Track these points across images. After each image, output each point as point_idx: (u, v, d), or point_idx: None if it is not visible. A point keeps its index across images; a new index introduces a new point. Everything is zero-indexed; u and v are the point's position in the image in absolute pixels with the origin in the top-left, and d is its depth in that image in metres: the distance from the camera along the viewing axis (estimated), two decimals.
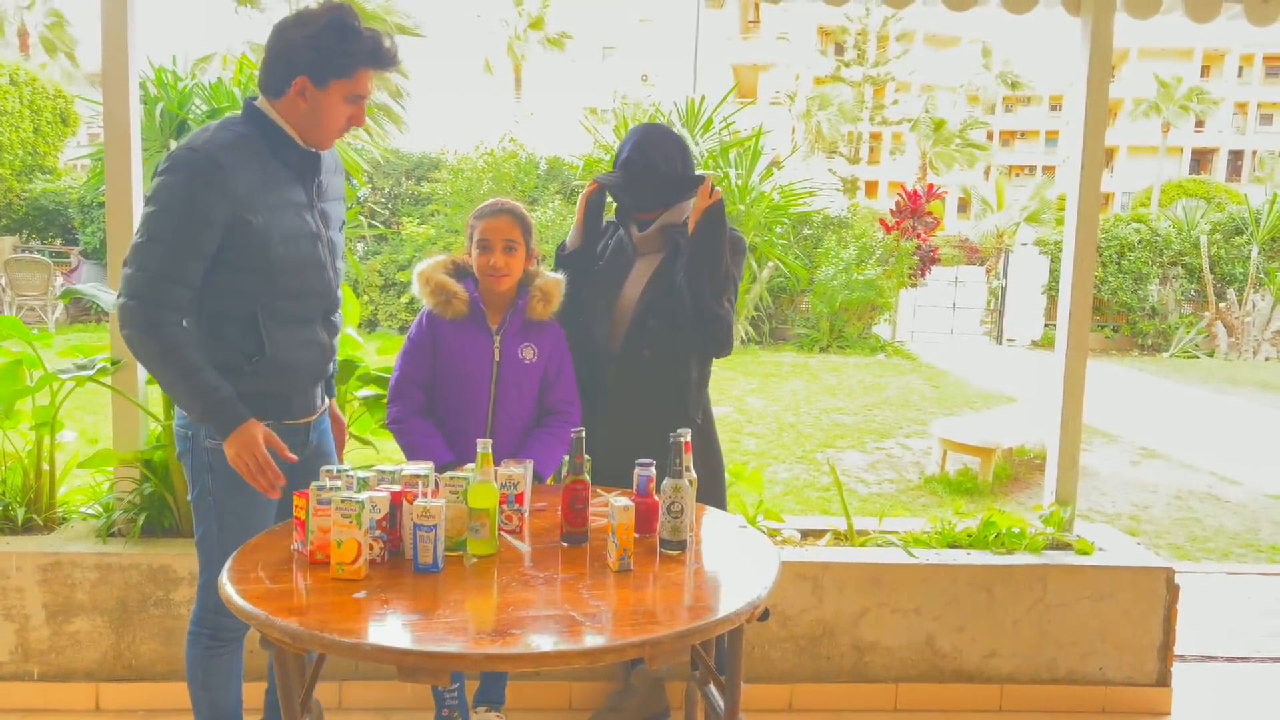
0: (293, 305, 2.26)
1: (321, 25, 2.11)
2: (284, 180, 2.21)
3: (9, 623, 2.94)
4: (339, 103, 2.17)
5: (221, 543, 2.25)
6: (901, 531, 3.39)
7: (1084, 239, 3.35)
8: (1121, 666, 3.22)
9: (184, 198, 2.05)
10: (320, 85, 2.13)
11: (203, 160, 2.06)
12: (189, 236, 2.06)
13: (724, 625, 1.76)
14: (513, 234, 2.63)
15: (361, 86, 2.18)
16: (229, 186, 2.07)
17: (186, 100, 13.81)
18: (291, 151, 2.21)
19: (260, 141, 2.17)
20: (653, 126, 2.87)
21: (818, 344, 15.27)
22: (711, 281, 2.63)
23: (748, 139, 14.22)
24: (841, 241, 16.11)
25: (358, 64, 2.14)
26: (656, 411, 2.71)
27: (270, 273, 2.17)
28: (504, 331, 2.65)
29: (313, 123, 2.19)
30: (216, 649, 2.32)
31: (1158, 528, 6.08)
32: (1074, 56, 3.38)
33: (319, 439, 2.48)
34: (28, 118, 16.08)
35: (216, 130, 2.14)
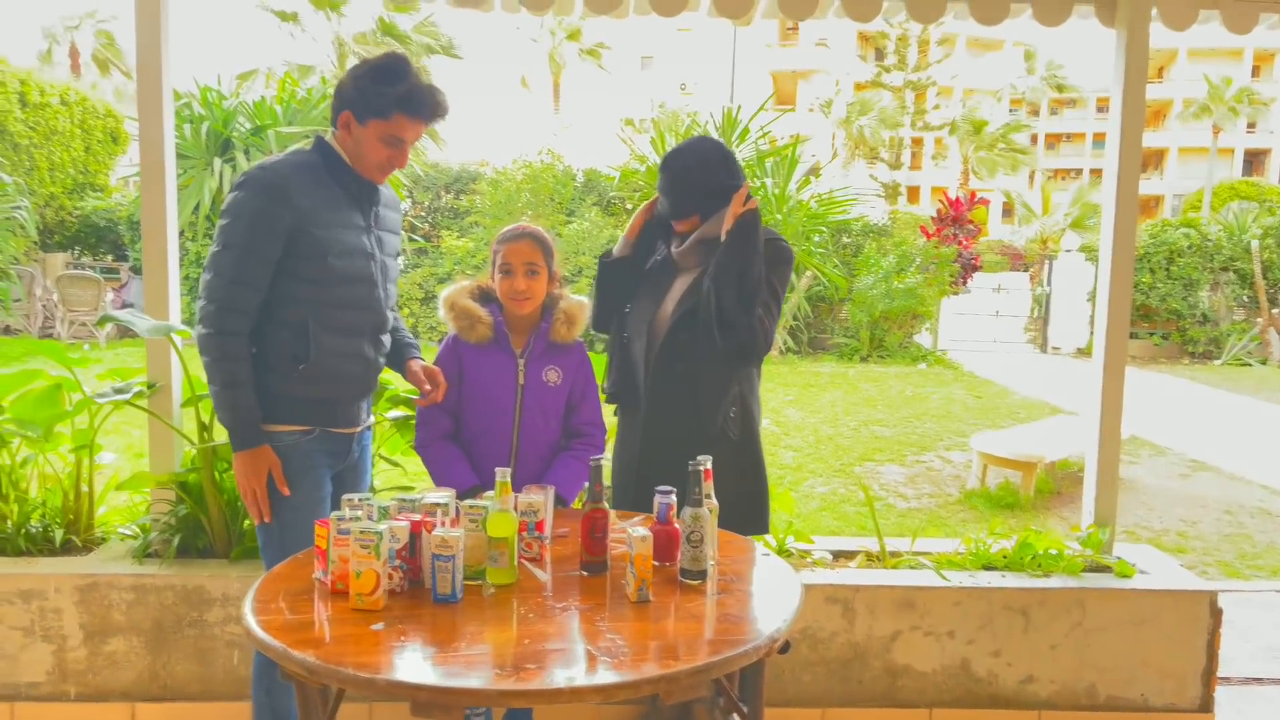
0: (343, 315, 2.42)
1: (369, 67, 2.33)
2: (343, 203, 2.39)
3: (47, 643, 2.99)
4: (376, 141, 2.33)
5: (283, 545, 2.36)
6: (934, 553, 3.34)
7: (1121, 252, 3.29)
8: (1164, 692, 3.14)
9: (252, 209, 2.27)
10: (360, 122, 2.33)
11: (270, 176, 2.30)
12: (257, 244, 2.27)
13: (741, 660, 1.73)
14: (534, 258, 2.64)
15: (398, 129, 2.32)
16: (292, 200, 2.28)
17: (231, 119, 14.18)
18: (350, 178, 2.40)
19: (322, 167, 2.38)
20: (698, 137, 2.89)
21: (857, 354, 15.14)
22: (740, 290, 2.59)
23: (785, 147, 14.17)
24: (881, 249, 15.98)
25: (392, 107, 2.29)
26: (690, 428, 2.66)
27: (325, 282, 2.36)
28: (528, 355, 2.66)
29: (356, 155, 2.38)
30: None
31: (1206, 544, 5.94)
32: (1109, 68, 3.31)
33: (361, 453, 2.62)
34: (79, 137, 16.48)
35: (285, 156, 2.40)
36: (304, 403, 2.41)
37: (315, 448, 2.44)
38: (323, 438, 2.45)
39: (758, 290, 2.62)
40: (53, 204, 15.87)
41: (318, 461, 2.45)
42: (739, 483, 2.69)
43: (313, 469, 2.44)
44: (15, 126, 14.66)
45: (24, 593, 2.97)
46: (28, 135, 15.04)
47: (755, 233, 2.63)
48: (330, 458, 2.50)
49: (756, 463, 2.79)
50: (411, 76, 2.31)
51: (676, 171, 2.75)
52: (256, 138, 12.73)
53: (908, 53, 39.94)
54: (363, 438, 2.62)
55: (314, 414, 2.43)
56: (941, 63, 40.52)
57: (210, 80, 12.80)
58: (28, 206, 12.43)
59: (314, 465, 2.44)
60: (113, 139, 17.36)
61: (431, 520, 2.03)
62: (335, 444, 2.50)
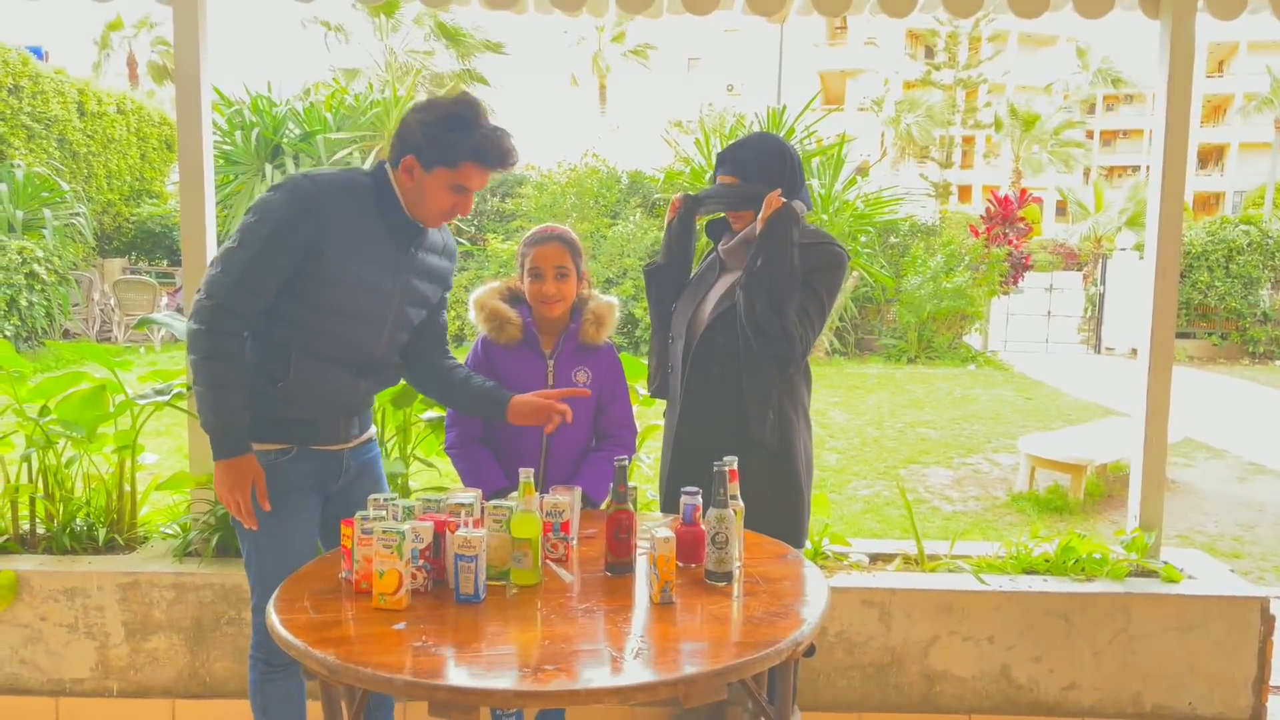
0: (333, 346, 2.28)
1: (438, 113, 2.18)
2: (379, 237, 2.26)
3: (90, 640, 3.05)
4: (442, 188, 2.21)
5: (259, 565, 2.31)
6: (974, 556, 3.27)
7: (1166, 249, 3.20)
8: (1213, 701, 3.05)
9: (278, 215, 2.15)
10: (426, 169, 2.20)
11: (308, 187, 2.18)
12: (271, 251, 2.15)
13: (763, 663, 1.71)
14: (563, 260, 2.62)
15: (466, 179, 2.21)
16: (321, 218, 2.16)
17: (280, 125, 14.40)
18: (396, 215, 2.27)
19: (371, 195, 2.25)
20: (762, 134, 2.84)
21: (905, 355, 14.97)
22: (771, 293, 2.51)
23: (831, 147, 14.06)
24: (930, 249, 15.78)
25: (462, 157, 2.17)
26: (724, 433, 2.61)
27: (325, 310, 2.23)
28: (557, 356, 2.66)
29: (417, 200, 2.25)
30: (271, 674, 2.36)
31: (1264, 549, 5.77)
32: (1154, 58, 3.23)
33: (362, 466, 2.49)
34: (135, 145, 16.87)
35: (339, 172, 2.27)
36: (280, 421, 2.28)
37: (296, 468, 2.31)
38: (304, 456, 2.32)
39: (789, 294, 2.52)
40: (110, 211, 16.27)
41: (299, 483, 2.32)
42: (772, 493, 2.59)
43: (293, 492, 2.31)
44: (73, 135, 15.05)
45: (68, 590, 3.03)
46: (85, 144, 15.43)
47: (786, 234, 2.54)
48: (316, 478, 2.36)
49: (792, 473, 2.65)
50: (483, 124, 2.18)
51: (731, 166, 2.70)
52: (306, 144, 12.93)
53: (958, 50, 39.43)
54: (361, 452, 2.48)
55: (292, 432, 2.30)
56: (993, 60, 39.93)
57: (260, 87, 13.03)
58: (86, 213, 12.76)
59: (294, 488, 2.31)
60: (168, 146, 17.75)
61: (455, 520, 2.03)
62: (321, 462, 2.36)
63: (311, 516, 2.37)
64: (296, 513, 2.32)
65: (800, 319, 2.56)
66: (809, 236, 2.65)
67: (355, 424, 2.44)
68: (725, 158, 2.73)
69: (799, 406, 2.71)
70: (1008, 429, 9.30)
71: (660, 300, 2.87)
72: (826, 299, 2.63)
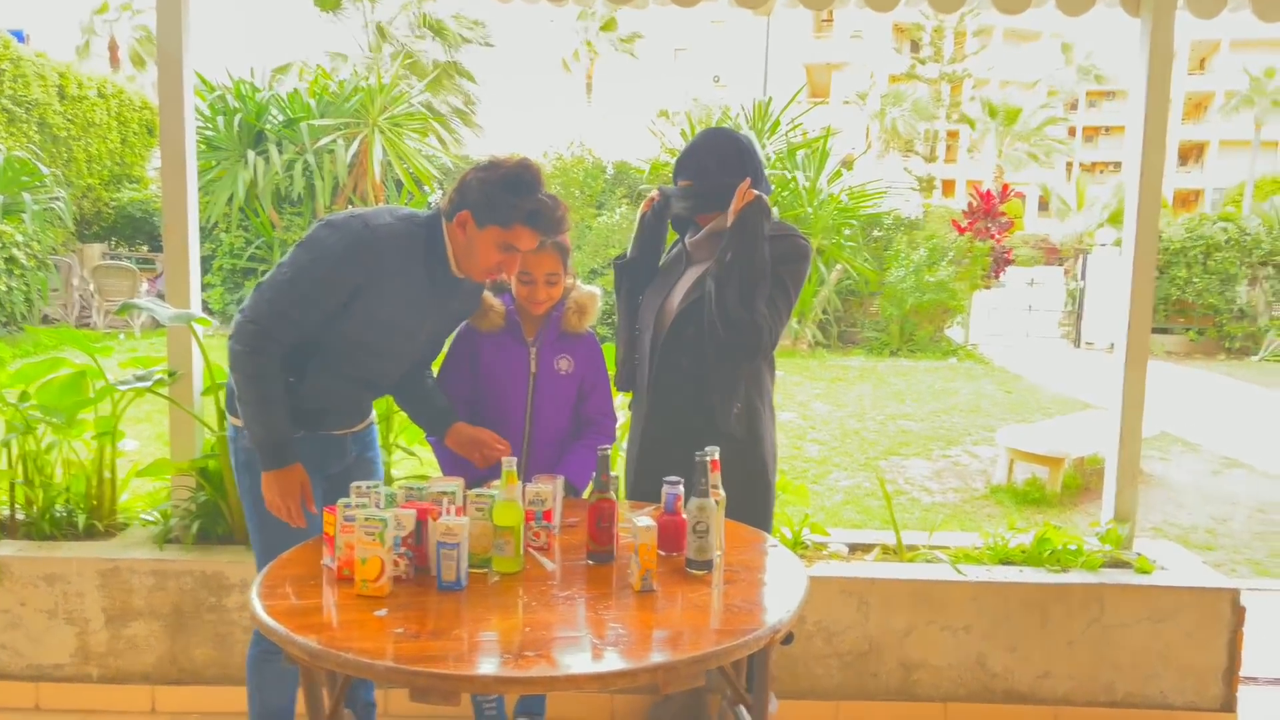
0: (351, 370, 2.40)
1: (499, 174, 2.26)
2: (420, 285, 2.34)
3: (70, 626, 3.05)
4: (492, 246, 2.28)
5: (263, 542, 2.39)
6: (952, 547, 3.31)
7: (1144, 244, 3.24)
8: (1184, 691, 3.10)
9: (334, 261, 2.23)
10: (480, 225, 2.27)
11: (366, 237, 2.24)
12: (320, 294, 2.25)
13: (742, 650, 1.73)
14: (555, 268, 2.63)
15: (517, 239, 2.28)
16: (373, 267, 2.25)
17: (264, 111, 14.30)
18: (441, 268, 2.35)
19: (422, 248, 2.33)
20: (713, 130, 2.83)
21: (887, 348, 15.04)
22: (742, 285, 2.52)
23: (815, 140, 14.10)
24: (912, 243, 15.85)
25: (516, 219, 2.25)
26: (692, 423, 2.63)
27: (352, 341, 2.33)
28: (540, 343, 2.67)
29: (466, 254, 2.32)
30: (268, 654, 2.41)
31: (1236, 542, 5.84)
32: (1133, 57, 3.26)
33: (361, 450, 2.59)
34: (115, 129, 16.71)
35: (396, 221, 2.32)
36: (291, 409, 2.37)
37: (303, 450, 2.38)
38: (310, 439, 2.42)
39: (760, 285, 2.54)
40: (90, 195, 16.12)
41: (306, 464, 2.38)
42: (741, 482, 2.60)
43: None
44: (54, 119, 14.89)
45: (48, 576, 3.03)
46: (66, 127, 15.27)
47: (757, 226, 2.56)
48: (321, 458, 2.46)
49: (760, 463, 2.68)
50: (540, 190, 2.28)
51: (693, 170, 2.71)
52: (289, 130, 12.85)
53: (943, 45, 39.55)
54: (363, 436, 2.60)
55: (301, 420, 2.39)
56: (977, 55, 40.08)
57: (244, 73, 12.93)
58: (65, 198, 12.62)
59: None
60: (149, 131, 17.59)
61: (438, 508, 2.05)
62: (327, 445, 2.48)
63: (318, 498, 2.44)
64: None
65: (769, 310, 2.57)
66: (774, 229, 2.66)
67: (359, 413, 2.56)
68: (685, 164, 2.74)
69: (764, 396, 2.73)
70: (987, 422, 9.37)
71: (631, 293, 2.87)
72: (793, 290, 2.66)
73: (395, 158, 13.06)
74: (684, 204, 2.75)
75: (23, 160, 11.75)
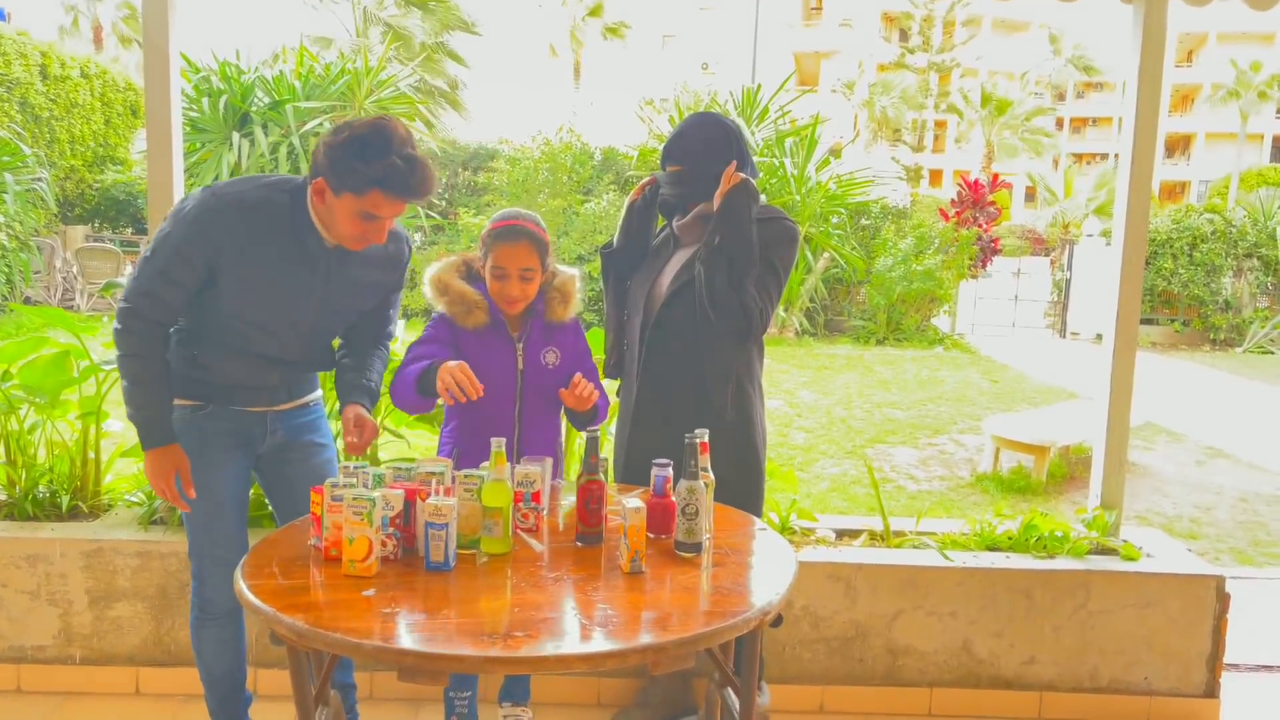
0: (242, 344, 2.33)
1: (345, 137, 2.12)
2: (292, 254, 2.24)
3: (53, 607, 3.02)
4: (351, 215, 2.17)
5: (188, 518, 2.42)
6: (939, 533, 3.32)
7: (1133, 238, 3.24)
8: (1168, 676, 3.12)
9: (184, 234, 2.17)
10: (335, 193, 2.15)
11: (210, 204, 2.18)
12: (174, 269, 2.18)
13: (731, 632, 1.73)
14: (530, 262, 2.51)
15: (374, 206, 2.15)
16: (216, 237, 2.16)
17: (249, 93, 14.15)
18: (310, 235, 2.25)
19: (287, 214, 2.23)
20: (700, 115, 2.82)
21: (874, 336, 15.06)
22: (730, 268, 2.51)
23: (804, 128, 14.08)
24: (900, 232, 15.86)
25: (368, 185, 2.11)
26: (682, 407, 2.63)
27: (231, 317, 2.27)
28: (525, 338, 2.59)
29: (330, 224, 2.22)
30: (204, 620, 2.47)
31: (1220, 530, 5.89)
32: (1125, 45, 3.25)
33: (294, 433, 2.50)
34: (99, 110, 16.54)
35: (254, 187, 2.23)
36: (197, 381, 2.33)
37: (213, 424, 2.35)
38: (223, 414, 2.36)
39: (748, 268, 2.53)
40: (73, 177, 15.97)
41: (217, 440, 2.36)
42: (732, 465, 2.60)
43: (209, 447, 2.36)
44: (36, 99, 14.73)
45: (30, 557, 3.00)
46: (48, 108, 15.11)
47: (744, 208, 2.54)
48: (236, 436, 2.39)
49: (751, 445, 2.69)
50: (392, 152, 2.10)
51: (681, 156, 2.69)
52: (274, 112, 12.74)
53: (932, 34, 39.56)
54: (291, 416, 2.48)
55: (208, 393, 2.34)
56: (966, 44, 40.11)
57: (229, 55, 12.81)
58: (48, 179, 12.50)
59: (211, 444, 2.36)
60: (133, 112, 17.43)
61: (426, 488, 2.03)
62: (241, 421, 2.39)
63: (234, 471, 2.41)
64: (215, 466, 2.37)
65: (759, 293, 2.56)
66: (762, 212, 2.65)
67: (282, 392, 2.45)
68: (672, 150, 2.73)
69: (754, 380, 2.74)
70: (973, 410, 9.40)
71: (619, 280, 2.85)
72: (783, 273, 2.65)
73: None
74: (673, 190, 2.73)
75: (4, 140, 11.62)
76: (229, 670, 2.53)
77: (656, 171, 2.82)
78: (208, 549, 2.41)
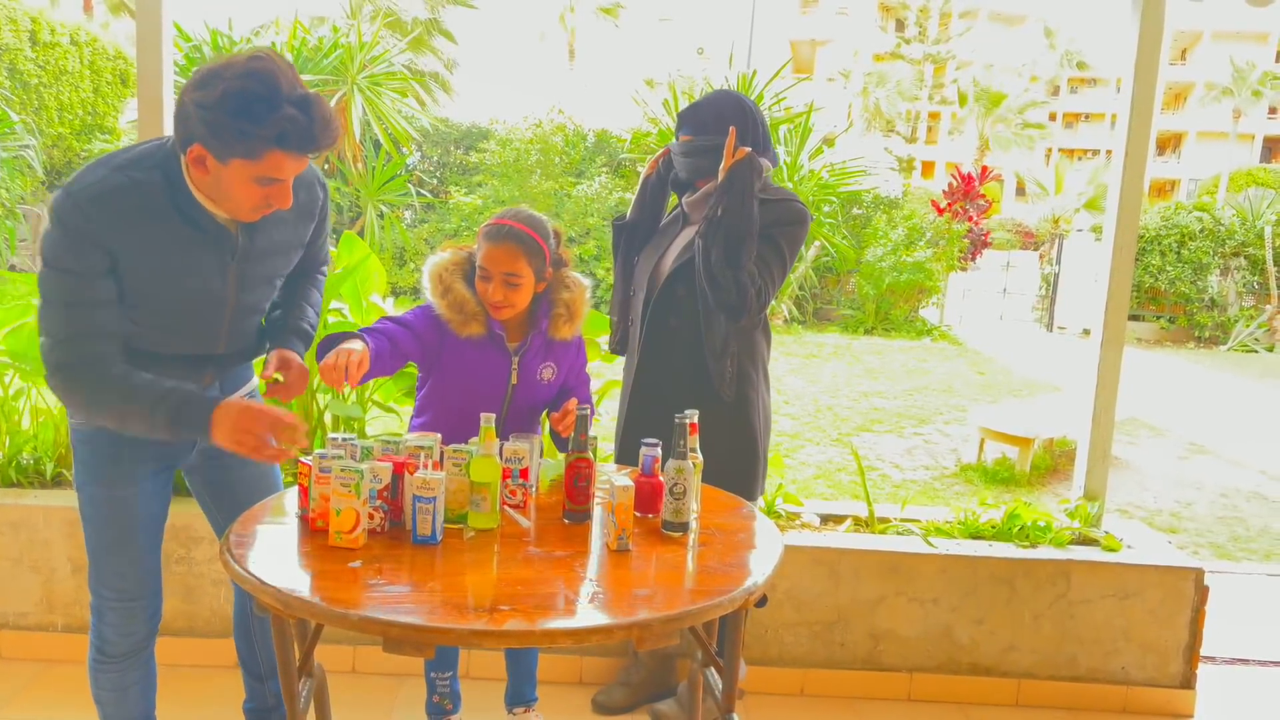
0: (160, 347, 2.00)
1: (219, 94, 1.71)
2: (183, 235, 1.88)
3: (35, 574, 3.01)
4: (246, 182, 1.81)
5: (87, 539, 2.11)
6: (923, 520, 3.33)
7: (1124, 230, 3.25)
8: (1145, 666, 3.15)
9: (62, 255, 1.81)
10: (221, 160, 1.78)
11: (77, 213, 1.79)
12: (80, 292, 1.82)
13: (716, 610, 1.73)
14: (515, 267, 2.29)
15: (274, 169, 1.79)
16: (108, 239, 1.81)
17: None
18: (196, 211, 1.88)
19: (160, 193, 1.85)
20: (721, 90, 2.80)
21: (863, 325, 15.11)
22: (727, 243, 2.47)
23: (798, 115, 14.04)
24: (891, 222, 15.89)
25: (263, 146, 1.75)
26: (681, 384, 2.63)
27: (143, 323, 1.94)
28: (523, 353, 2.41)
29: (219, 196, 1.85)
30: (103, 665, 2.16)
31: (1200, 525, 5.94)
32: (1122, 39, 3.26)
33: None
34: (88, 78, 16.37)
35: (111, 171, 1.84)
36: None
37: (129, 437, 1.99)
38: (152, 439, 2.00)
39: (745, 245, 2.49)
40: (60, 144, 15.81)
41: (134, 454, 2.05)
42: (728, 446, 2.62)
43: (117, 461, 2.05)
44: (24, 65, 14.56)
45: (13, 523, 2.98)
46: (37, 74, 14.95)
47: (746, 184, 2.51)
48: (155, 448, 2.08)
49: (748, 427, 2.67)
50: (284, 101, 1.73)
51: (694, 126, 2.66)
52: None
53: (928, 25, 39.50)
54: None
55: None
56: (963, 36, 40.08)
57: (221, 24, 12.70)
58: (35, 146, 12.38)
59: (127, 456, 2.05)
60: (122, 81, 17.25)
61: (415, 462, 2.03)
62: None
63: (153, 487, 2.11)
64: (130, 481, 2.07)
65: (760, 271, 2.54)
66: (774, 194, 2.65)
67: (213, 391, 2.13)
68: (685, 118, 2.71)
69: (758, 362, 2.72)
70: (959, 402, 9.44)
71: (627, 255, 2.86)
72: (788, 252, 2.62)
73: (375, 117, 12.91)
74: (684, 162, 2.72)
75: None
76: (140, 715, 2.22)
77: (671, 143, 2.80)
78: (110, 579, 2.09)
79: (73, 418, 2.07)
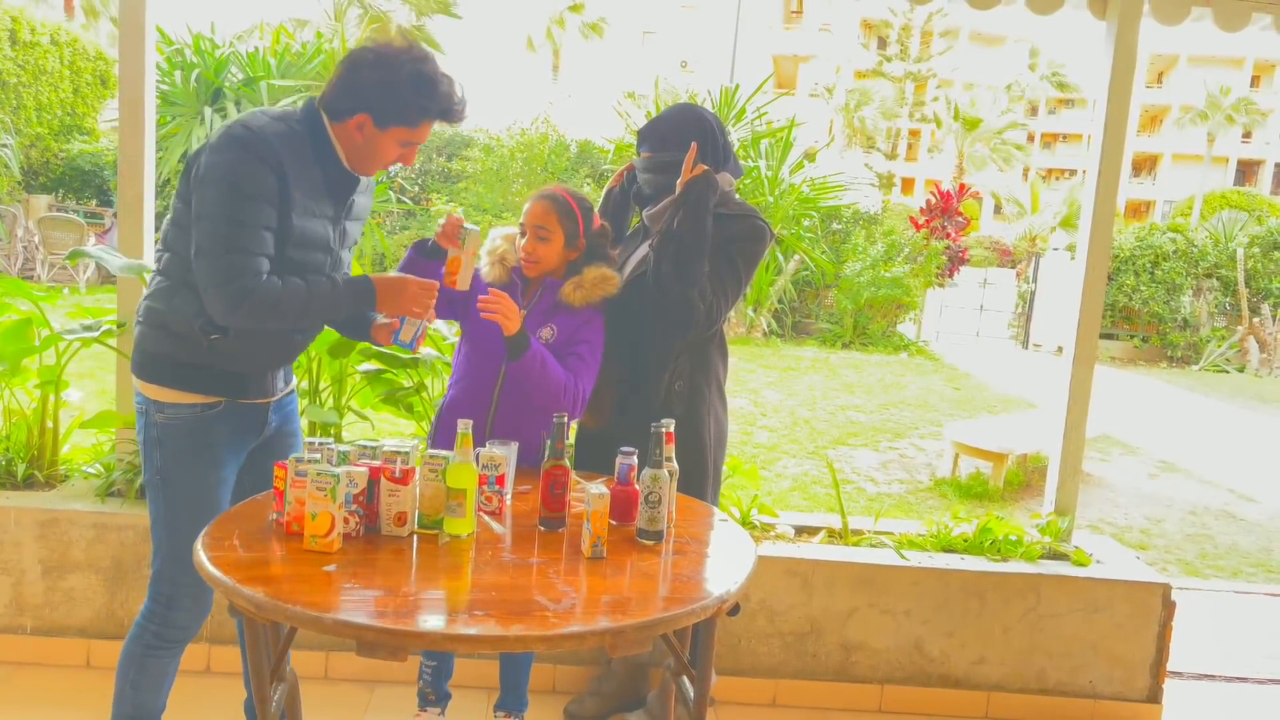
0: None
1: (403, 75, 2.08)
2: (319, 189, 2.17)
3: (5, 576, 2.99)
4: (394, 144, 2.17)
5: (170, 526, 2.21)
6: (897, 533, 3.36)
7: (1097, 249, 3.30)
8: (1112, 681, 3.19)
9: (240, 175, 2.01)
10: (381, 127, 2.13)
11: (257, 141, 2.03)
12: (250, 213, 2.03)
13: (689, 618, 1.75)
14: (546, 221, 2.51)
15: (422, 135, 2.18)
16: (276, 169, 2.04)
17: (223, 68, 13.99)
18: (334, 167, 2.19)
19: (308, 145, 2.14)
20: (681, 104, 2.82)
21: (840, 340, 15.19)
22: (678, 257, 2.49)
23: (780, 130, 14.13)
24: (870, 237, 16.00)
25: (425, 117, 2.14)
26: (630, 396, 2.63)
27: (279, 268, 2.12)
28: (531, 306, 2.55)
29: (363, 155, 2.19)
30: (157, 650, 2.24)
31: (1169, 542, 6.01)
32: (1097, 61, 3.32)
33: (282, 421, 2.41)
34: (67, 78, 16.26)
35: (272, 119, 2.10)
36: (212, 374, 2.18)
37: (219, 423, 2.21)
38: (230, 410, 2.22)
39: (695, 259, 2.49)
40: (39, 145, 15.69)
41: (219, 439, 2.22)
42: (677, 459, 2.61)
43: (212, 446, 2.21)
44: (4, 64, 14.46)
45: None
46: (16, 74, 14.84)
47: (701, 199, 2.51)
48: (237, 434, 2.26)
49: (697, 443, 2.63)
50: (444, 83, 2.13)
51: (654, 142, 2.68)
52: (248, 89, 12.58)
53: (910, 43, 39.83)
54: (282, 405, 2.39)
55: (222, 385, 2.20)
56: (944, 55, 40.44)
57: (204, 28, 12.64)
58: (13, 145, 12.29)
59: (214, 443, 2.21)
60: (102, 82, 17.15)
61: (390, 467, 2.03)
62: (245, 416, 2.26)
63: (229, 474, 2.27)
64: (216, 468, 2.22)
65: (713, 287, 2.55)
66: (734, 208, 2.65)
67: (281, 377, 2.37)
68: (645, 134, 2.72)
69: (711, 378, 2.70)
70: (935, 417, 9.51)
71: None
72: (744, 269, 2.62)
73: None
74: (645, 178, 2.73)
75: None
76: (162, 705, 2.31)
77: (635, 158, 2.83)
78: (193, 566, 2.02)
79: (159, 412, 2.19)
